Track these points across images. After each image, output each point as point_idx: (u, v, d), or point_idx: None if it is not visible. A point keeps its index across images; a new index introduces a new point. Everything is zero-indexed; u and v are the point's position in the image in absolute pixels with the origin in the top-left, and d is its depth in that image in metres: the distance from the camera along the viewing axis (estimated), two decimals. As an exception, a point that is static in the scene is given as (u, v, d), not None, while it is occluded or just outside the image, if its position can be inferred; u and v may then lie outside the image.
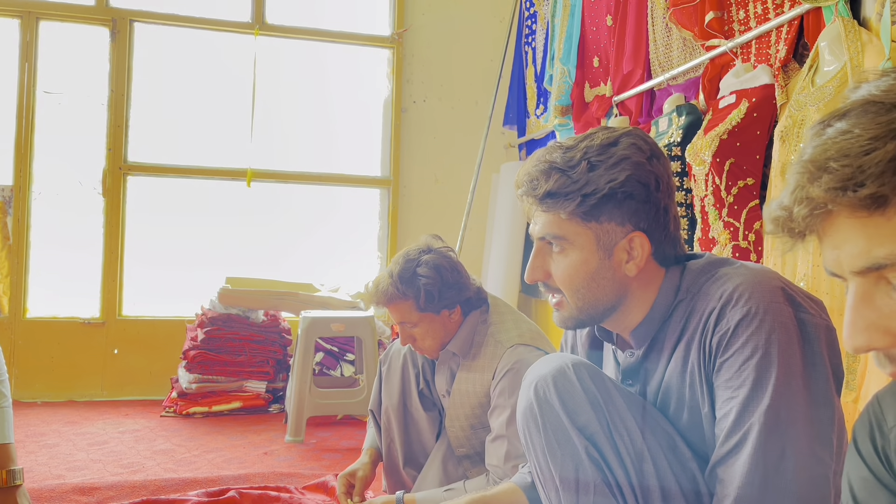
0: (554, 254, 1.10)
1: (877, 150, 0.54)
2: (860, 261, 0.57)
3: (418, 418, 1.98)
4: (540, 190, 1.06)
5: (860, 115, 0.57)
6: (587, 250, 1.08)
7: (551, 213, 1.07)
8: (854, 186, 0.55)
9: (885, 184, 0.54)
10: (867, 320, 0.58)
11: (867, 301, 0.58)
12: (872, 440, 0.73)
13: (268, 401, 3.69)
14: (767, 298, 0.98)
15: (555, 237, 1.08)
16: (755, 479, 0.94)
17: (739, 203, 2.19)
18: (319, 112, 4.52)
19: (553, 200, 1.06)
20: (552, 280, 1.11)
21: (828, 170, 0.56)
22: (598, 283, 1.08)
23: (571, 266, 1.08)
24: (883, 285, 0.58)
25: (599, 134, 1.09)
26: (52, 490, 2.24)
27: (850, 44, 1.85)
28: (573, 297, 1.09)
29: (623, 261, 1.09)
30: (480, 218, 4.39)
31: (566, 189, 1.05)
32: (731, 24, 2.44)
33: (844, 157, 0.56)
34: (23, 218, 3.99)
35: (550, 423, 1.08)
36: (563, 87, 3.56)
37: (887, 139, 0.54)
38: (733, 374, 0.98)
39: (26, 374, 3.94)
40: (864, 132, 0.55)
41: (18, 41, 4.02)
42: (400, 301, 1.79)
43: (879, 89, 0.57)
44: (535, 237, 1.11)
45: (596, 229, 1.07)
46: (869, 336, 0.58)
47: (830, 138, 0.57)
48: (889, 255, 0.55)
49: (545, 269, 1.11)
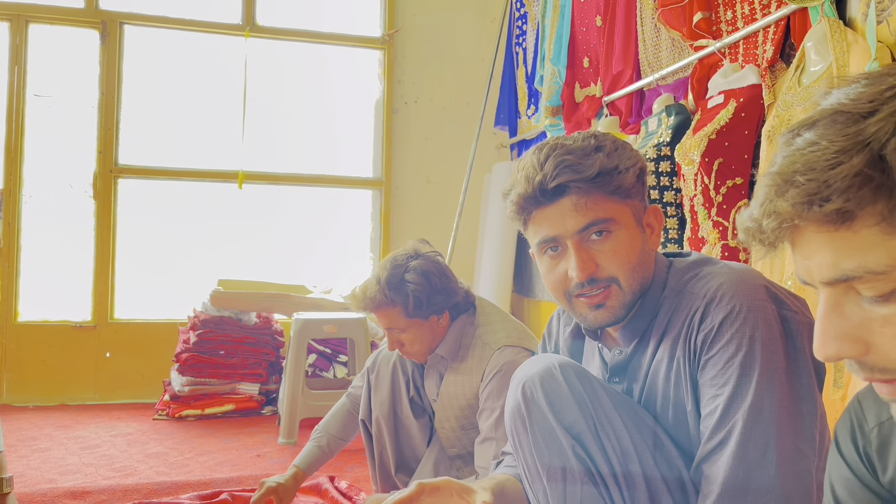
0: (597, 241, 1.06)
1: (842, 163, 0.54)
2: (829, 272, 0.57)
3: (409, 426, 1.97)
4: (591, 170, 1.03)
5: (828, 125, 0.56)
6: (632, 227, 1.08)
7: (600, 193, 1.04)
8: (819, 201, 0.55)
9: (850, 199, 0.54)
10: (838, 329, 0.59)
11: (837, 311, 0.59)
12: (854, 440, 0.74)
13: (261, 403, 3.69)
14: (751, 296, 0.99)
15: (603, 220, 1.05)
16: (739, 475, 0.96)
17: (728, 202, 2.20)
18: (311, 114, 4.52)
19: (606, 178, 1.04)
20: (600, 271, 1.06)
21: (794, 183, 0.56)
22: (644, 258, 1.09)
23: (627, 246, 1.07)
24: (852, 295, 0.58)
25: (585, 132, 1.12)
26: (45, 494, 2.24)
27: (836, 44, 1.87)
28: (629, 276, 1.07)
29: (649, 234, 1.12)
30: (473, 218, 4.40)
31: (611, 165, 1.04)
32: (718, 25, 2.45)
33: (811, 171, 0.55)
34: (13, 222, 3.98)
35: (538, 422, 1.09)
36: (554, 87, 3.57)
37: (853, 153, 0.54)
38: (718, 372, 0.99)
39: (18, 379, 3.92)
40: (831, 144, 0.55)
41: (8, 44, 4.00)
42: (388, 307, 1.78)
43: (849, 98, 0.57)
44: (574, 231, 1.05)
45: (631, 206, 1.09)
46: (839, 345, 0.59)
47: (798, 149, 0.57)
48: (857, 267, 0.55)
49: (594, 260, 1.06)
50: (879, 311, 0.57)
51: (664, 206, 2.47)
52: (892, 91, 0.56)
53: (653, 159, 2.45)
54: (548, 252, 1.09)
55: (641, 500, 1.04)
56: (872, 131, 0.54)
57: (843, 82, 0.60)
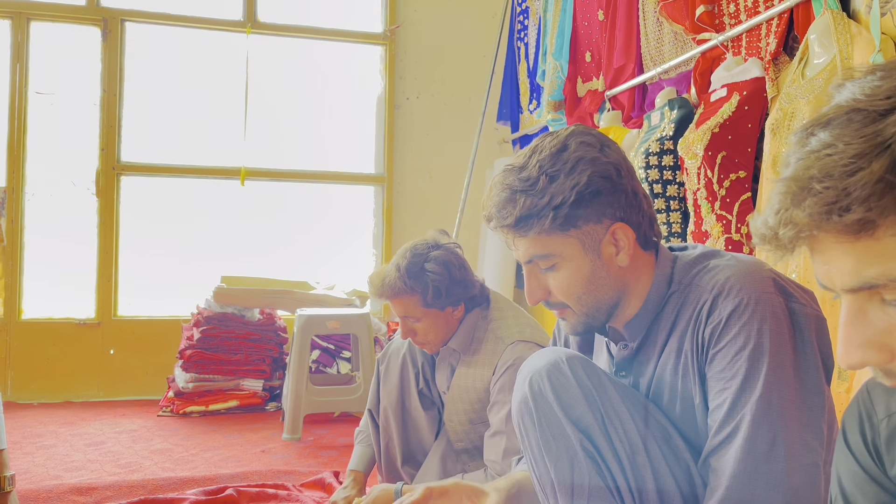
0: (546, 273, 1.10)
1: (862, 169, 0.51)
2: (850, 280, 0.55)
3: (417, 417, 1.97)
4: (510, 218, 1.06)
5: (844, 124, 0.53)
6: (577, 257, 1.08)
7: (529, 237, 1.07)
8: (840, 211, 0.52)
9: (872, 208, 0.51)
10: (862, 337, 0.56)
11: (861, 317, 0.56)
12: (862, 432, 0.73)
13: (264, 399, 3.70)
14: (759, 289, 0.99)
15: (541, 257, 1.08)
16: (747, 468, 0.96)
17: (732, 196, 2.20)
18: (313, 110, 4.51)
19: (526, 223, 1.05)
20: (552, 297, 1.11)
21: (811, 191, 0.53)
22: (597, 284, 1.09)
23: (567, 277, 1.08)
24: (876, 301, 0.56)
25: (546, 143, 1.08)
26: (50, 491, 2.25)
27: (839, 36, 1.86)
28: (576, 305, 1.10)
29: (613, 254, 1.09)
30: (475, 214, 4.39)
31: (535, 209, 1.04)
32: (721, 18, 2.44)
33: (828, 178, 0.52)
34: (17, 219, 3.98)
35: (545, 416, 1.09)
36: (556, 82, 3.57)
37: (872, 156, 0.51)
38: (726, 365, 0.99)
39: (22, 376, 3.93)
40: (848, 148, 0.52)
41: (10, 42, 4.00)
42: (406, 295, 1.78)
43: (864, 93, 0.54)
44: (522, 262, 1.10)
45: (577, 235, 1.06)
46: (864, 353, 0.57)
47: (814, 152, 0.54)
48: (880, 275, 0.53)
49: (544, 287, 1.11)
50: None
51: (667, 199, 2.47)
52: None
53: (656, 153, 2.45)
54: None
55: (650, 493, 1.04)
56: (892, 132, 0.51)
57: (857, 73, 0.57)
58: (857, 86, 0.55)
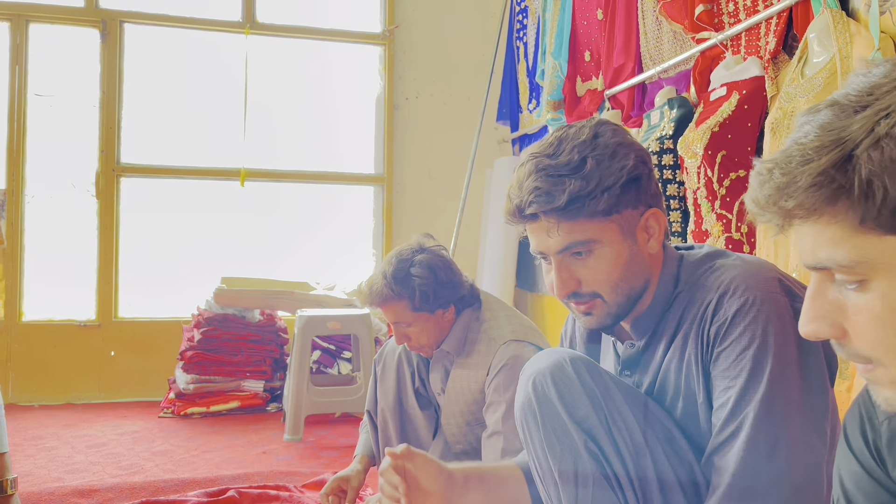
0: (579, 260, 1.06)
1: (812, 161, 0.55)
2: (809, 259, 0.60)
3: (414, 417, 1.98)
4: (559, 201, 1.01)
5: (825, 115, 0.57)
6: (616, 243, 1.06)
7: (577, 221, 1.03)
8: (785, 197, 0.57)
9: (808, 198, 0.55)
10: (818, 311, 0.62)
11: (820, 293, 0.61)
12: (863, 434, 0.73)
13: (265, 400, 3.70)
14: (764, 289, 0.99)
15: (581, 243, 1.04)
16: (749, 467, 0.96)
17: (732, 195, 2.20)
18: (312, 111, 4.51)
19: (578, 205, 1.01)
20: (583, 286, 1.07)
21: (772, 176, 0.58)
22: (633, 271, 1.08)
23: (607, 264, 1.05)
24: (833, 281, 0.60)
25: (573, 132, 1.06)
26: (52, 493, 2.25)
27: (838, 35, 1.86)
28: (612, 293, 1.07)
29: (645, 241, 1.09)
30: (475, 213, 4.40)
31: (585, 191, 1.01)
32: (720, 17, 2.44)
33: (787, 165, 0.57)
34: (16, 221, 3.98)
35: (549, 417, 1.09)
36: (555, 81, 3.56)
37: (826, 150, 0.55)
38: (730, 364, 0.99)
39: (23, 378, 3.93)
40: (815, 139, 0.56)
41: (8, 44, 4.00)
42: (394, 301, 1.79)
43: (855, 89, 0.57)
44: (555, 251, 1.05)
45: (617, 220, 1.05)
46: (818, 325, 0.62)
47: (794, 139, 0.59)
48: (828, 258, 0.58)
49: (575, 278, 1.07)
50: (853, 299, 0.59)
51: (667, 199, 2.47)
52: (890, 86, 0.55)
53: (655, 152, 2.45)
54: (539, 259, 1.12)
55: (653, 494, 1.04)
56: (855, 128, 0.54)
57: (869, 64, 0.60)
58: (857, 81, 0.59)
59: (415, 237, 1.88)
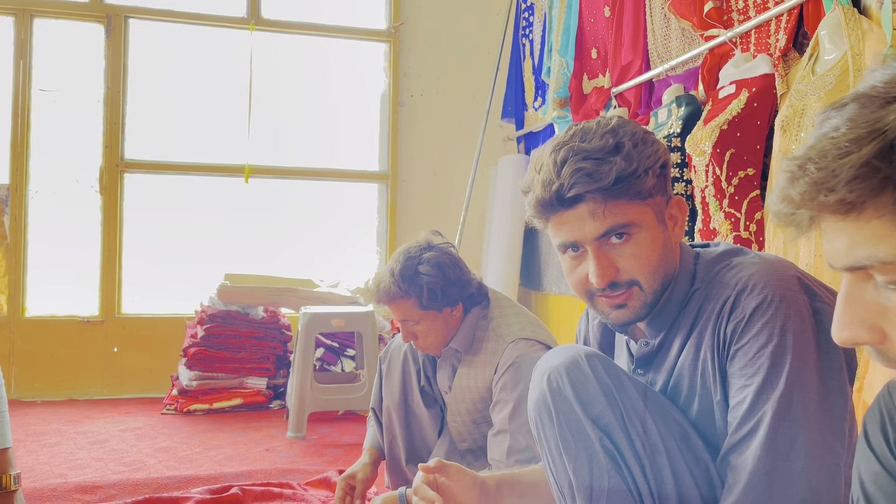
0: (617, 245, 1.03)
1: (852, 153, 0.53)
2: (845, 259, 0.57)
3: (420, 415, 1.97)
4: (608, 178, 0.99)
5: (854, 109, 0.55)
6: (652, 227, 1.05)
7: (617, 201, 1.01)
8: (825, 192, 0.54)
9: (854, 190, 0.53)
10: (854, 315, 0.58)
11: (856, 296, 0.58)
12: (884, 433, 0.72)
13: (269, 397, 3.69)
14: (783, 287, 0.98)
15: (622, 226, 1.02)
16: (765, 466, 0.94)
17: (740, 193, 2.18)
18: (317, 107, 4.50)
19: (624, 185, 1.00)
20: (621, 275, 1.04)
21: (806, 172, 0.56)
22: (667, 255, 1.07)
23: (647, 249, 1.04)
24: (871, 281, 0.57)
25: (593, 123, 1.06)
26: (55, 489, 2.24)
27: (850, 32, 1.84)
28: (650, 278, 1.05)
29: (672, 227, 1.09)
30: (479, 212, 4.38)
31: (629, 169, 1.00)
32: (730, 14, 2.42)
33: (822, 160, 0.55)
34: (20, 217, 3.98)
35: (564, 414, 1.07)
36: (562, 79, 3.55)
37: (865, 142, 0.53)
38: (747, 362, 0.98)
39: (26, 374, 3.93)
40: (849, 132, 0.54)
41: (13, 39, 3.99)
42: (402, 300, 1.77)
43: (882, 80, 0.56)
44: (593, 237, 1.03)
45: (652, 204, 1.05)
46: (854, 330, 0.58)
47: (823, 134, 0.56)
48: (869, 256, 0.55)
49: (614, 266, 1.04)
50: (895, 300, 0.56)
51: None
52: None
53: (663, 150, 2.43)
54: (568, 252, 1.08)
55: (668, 493, 1.03)
56: (891, 119, 0.52)
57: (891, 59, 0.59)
58: (879, 73, 0.57)
59: (423, 234, 1.86)
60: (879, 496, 0.71)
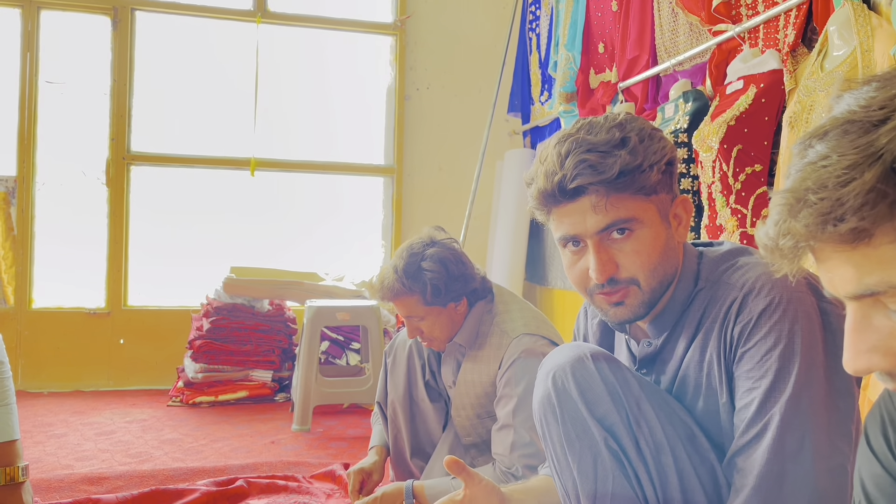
0: (619, 241, 1.03)
1: (854, 180, 0.52)
2: (852, 288, 0.56)
3: (424, 409, 1.98)
4: (612, 171, 0.98)
5: (839, 136, 0.54)
6: (655, 224, 1.04)
7: (620, 195, 1.01)
8: (834, 221, 0.53)
9: (865, 217, 0.52)
10: (867, 343, 0.57)
11: (866, 324, 0.57)
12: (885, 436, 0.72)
13: (274, 390, 3.70)
14: (791, 288, 0.97)
15: (624, 221, 1.01)
16: (774, 469, 0.94)
17: (747, 190, 2.17)
18: (322, 100, 4.50)
19: (627, 178, 0.99)
20: (621, 271, 1.04)
21: (807, 203, 0.54)
22: (668, 254, 1.06)
23: (648, 246, 1.03)
24: (880, 307, 0.56)
25: (600, 118, 1.06)
26: (62, 480, 2.25)
27: (859, 28, 1.83)
28: (649, 277, 1.04)
29: (676, 227, 1.08)
30: (485, 206, 4.38)
31: (635, 163, 1.00)
32: (738, 9, 2.41)
33: (823, 189, 0.54)
34: (27, 209, 3.99)
35: (569, 413, 1.06)
36: (568, 73, 3.54)
37: (865, 167, 0.52)
38: (755, 365, 0.97)
39: (32, 365, 3.95)
40: (842, 159, 0.53)
41: (20, 31, 4.00)
42: (406, 296, 1.78)
43: (859, 105, 0.55)
44: (594, 231, 1.02)
45: (656, 201, 1.04)
46: (869, 358, 0.57)
47: (810, 163, 0.55)
48: (880, 282, 0.54)
49: (614, 261, 1.03)
50: None
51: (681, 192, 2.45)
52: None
53: (670, 146, 2.42)
54: (569, 246, 1.07)
55: (674, 493, 1.03)
56: (884, 142, 0.52)
57: (854, 85, 0.57)
58: (854, 97, 0.56)
59: (426, 230, 1.87)
60: (881, 498, 0.71)
